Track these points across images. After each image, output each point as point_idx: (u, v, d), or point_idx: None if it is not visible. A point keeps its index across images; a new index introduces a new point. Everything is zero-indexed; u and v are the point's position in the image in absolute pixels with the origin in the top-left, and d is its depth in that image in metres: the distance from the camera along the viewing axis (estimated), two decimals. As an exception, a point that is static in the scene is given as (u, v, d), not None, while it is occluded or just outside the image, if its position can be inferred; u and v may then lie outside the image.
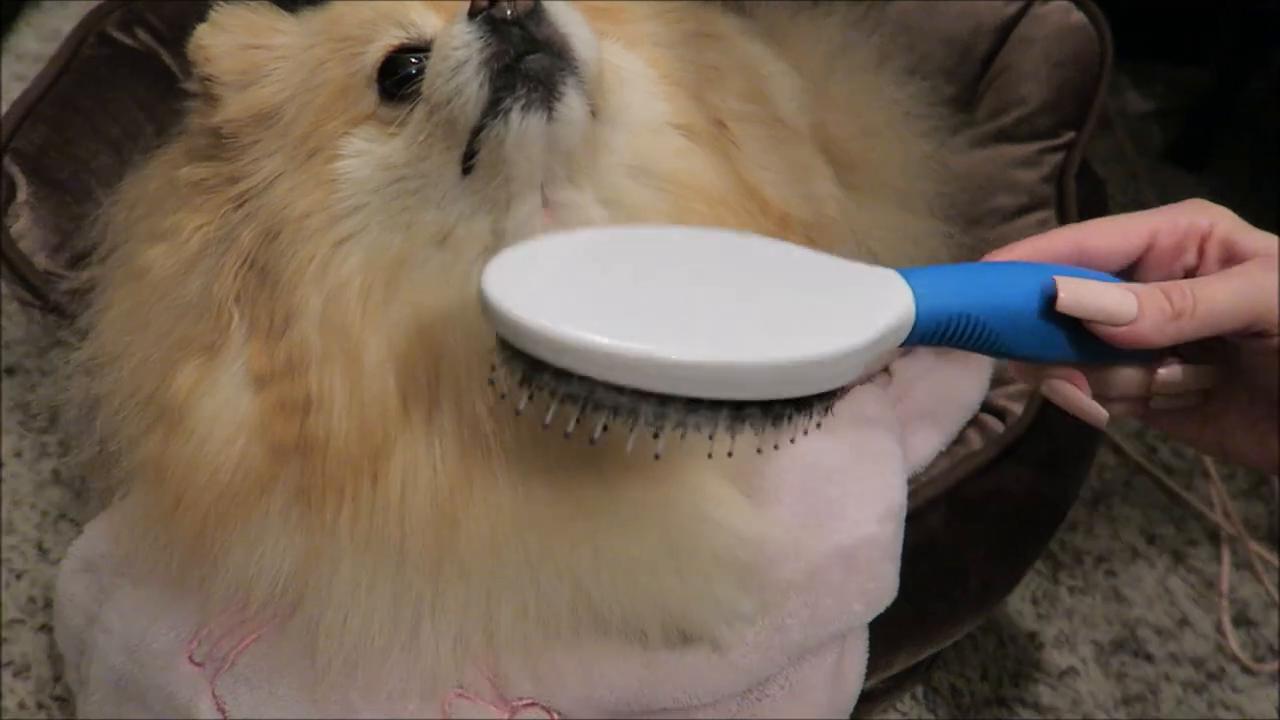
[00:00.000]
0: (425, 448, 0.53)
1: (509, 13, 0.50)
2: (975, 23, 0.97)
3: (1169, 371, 0.51)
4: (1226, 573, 1.01)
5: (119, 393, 0.58)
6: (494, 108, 0.50)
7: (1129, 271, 0.52)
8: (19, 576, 0.93)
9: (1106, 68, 0.92)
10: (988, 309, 0.48)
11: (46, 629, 0.89)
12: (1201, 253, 0.51)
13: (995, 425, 0.77)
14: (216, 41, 0.59)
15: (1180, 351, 0.52)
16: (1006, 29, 0.96)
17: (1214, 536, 1.04)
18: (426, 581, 0.55)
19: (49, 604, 0.90)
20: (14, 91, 1.45)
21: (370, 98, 0.55)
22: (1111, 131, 1.53)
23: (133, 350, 0.58)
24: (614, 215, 0.56)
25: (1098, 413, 0.51)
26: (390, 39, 0.55)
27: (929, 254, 0.91)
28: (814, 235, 0.70)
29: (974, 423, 0.77)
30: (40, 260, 0.72)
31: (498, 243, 0.53)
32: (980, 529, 0.75)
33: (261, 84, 0.58)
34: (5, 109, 1.41)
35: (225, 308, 0.56)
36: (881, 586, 0.65)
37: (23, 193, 0.73)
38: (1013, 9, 0.95)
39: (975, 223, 0.93)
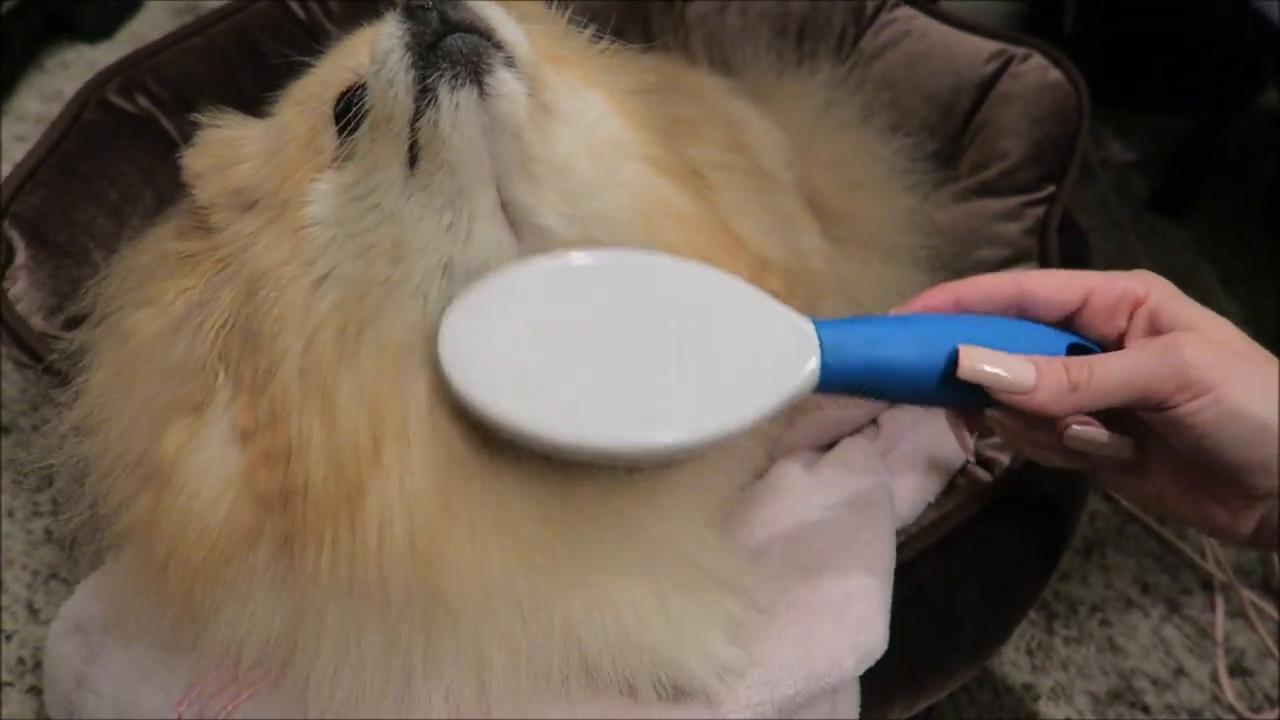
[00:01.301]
0: (399, 487, 0.52)
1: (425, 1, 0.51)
2: (956, 81, 0.99)
3: (1076, 430, 0.53)
4: (1221, 621, 1.01)
5: (107, 455, 0.58)
6: (423, 90, 0.51)
7: (1068, 323, 0.54)
8: (9, 638, 0.92)
9: (1085, 123, 0.94)
10: (892, 371, 0.51)
11: (36, 690, 0.88)
12: (1130, 321, 0.53)
13: (983, 476, 0.77)
14: (198, 160, 0.61)
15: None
16: (986, 86, 0.98)
17: (1207, 585, 1.04)
18: (416, 630, 0.54)
19: (38, 665, 0.89)
20: (15, 151, 1.49)
21: (330, 142, 0.56)
22: (1095, 181, 1.56)
23: (120, 413, 0.58)
24: (579, 221, 0.55)
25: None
26: (342, 80, 0.57)
27: (915, 305, 0.92)
28: (794, 279, 0.71)
29: (962, 473, 0.78)
30: (37, 322, 0.73)
31: (454, 250, 0.53)
32: (972, 579, 0.75)
33: (238, 165, 0.60)
34: (6, 169, 1.44)
35: (210, 366, 0.56)
36: (872, 639, 0.65)
37: (21, 256, 0.74)
38: (992, 67, 0.98)
39: (961, 275, 0.93)
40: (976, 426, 0.57)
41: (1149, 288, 0.53)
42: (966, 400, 0.53)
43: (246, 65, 0.94)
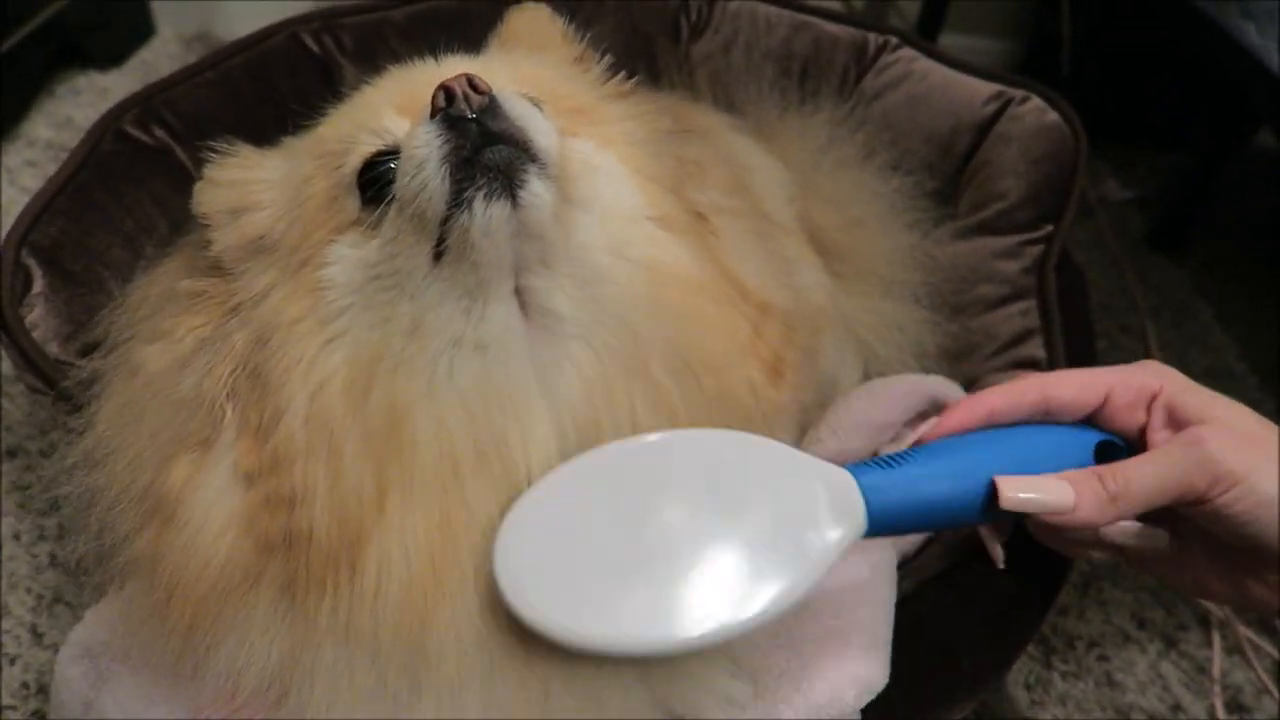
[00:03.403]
0: (398, 539, 0.54)
1: (466, 110, 0.52)
2: (955, 121, 1.01)
3: (1115, 528, 0.55)
4: (1218, 658, 1.01)
5: (114, 486, 0.59)
6: (458, 199, 0.51)
7: (1090, 419, 0.56)
8: (13, 661, 0.92)
9: (1081, 164, 0.96)
10: (934, 508, 0.52)
11: (39, 715, 0.88)
12: (1148, 414, 0.55)
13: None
14: (211, 196, 0.62)
15: None
16: (985, 127, 1.00)
17: (1204, 621, 1.05)
18: (403, 676, 0.55)
19: (42, 690, 0.90)
20: (25, 176, 1.50)
21: (352, 205, 0.57)
22: (1093, 218, 1.58)
23: (127, 445, 0.59)
24: (589, 301, 0.57)
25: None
26: (367, 147, 0.58)
27: (914, 340, 0.93)
28: (794, 323, 0.72)
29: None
30: (52, 349, 0.74)
31: (466, 329, 0.54)
32: (971, 613, 0.76)
33: (252, 212, 0.61)
34: (15, 193, 1.45)
35: (218, 404, 0.57)
36: (873, 672, 0.66)
37: (38, 284, 0.75)
38: (991, 109, 1.00)
39: (960, 311, 0.96)
40: (1006, 533, 0.58)
41: (1162, 380, 0.55)
42: (1009, 519, 0.55)
43: (260, 98, 0.96)
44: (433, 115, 0.53)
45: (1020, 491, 0.51)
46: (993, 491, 0.51)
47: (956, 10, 1.71)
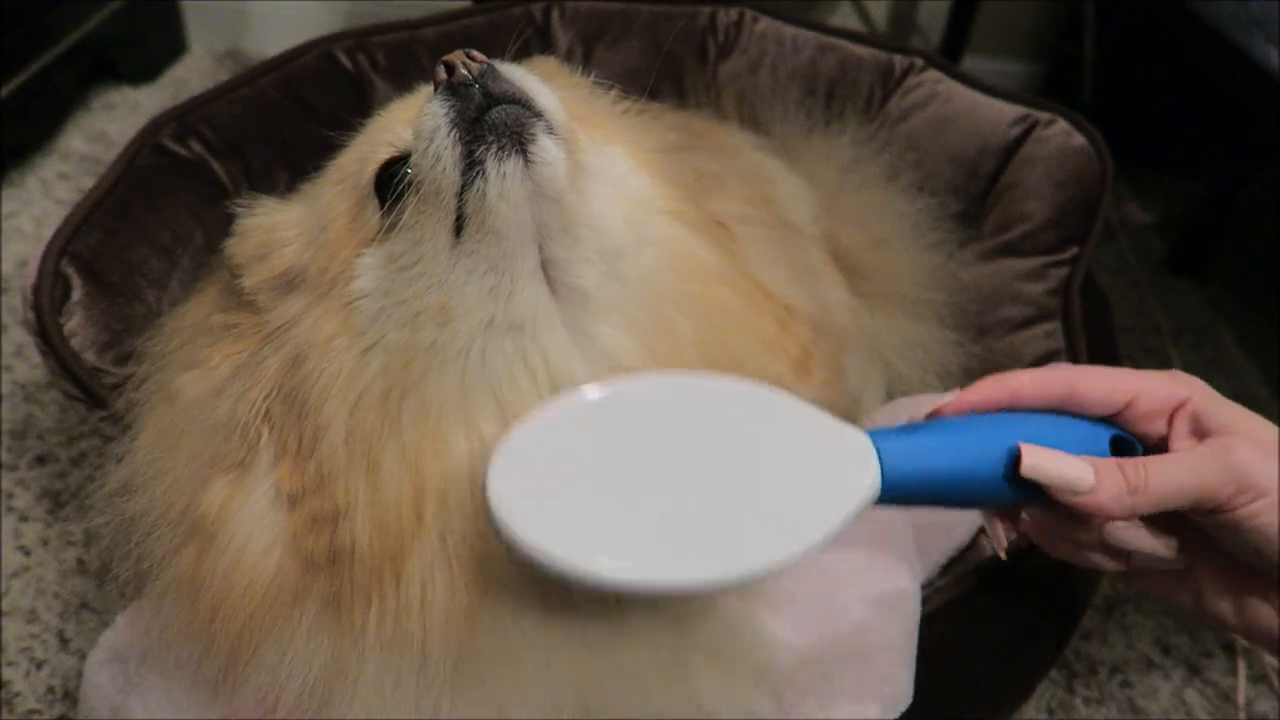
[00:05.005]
0: (439, 546, 0.54)
1: (467, 75, 0.53)
2: (981, 144, 1.01)
3: (1120, 529, 0.54)
4: (1243, 686, 1.00)
5: (152, 512, 0.59)
6: (470, 162, 0.52)
7: (1109, 420, 0.56)
8: (39, 666, 0.93)
9: (1107, 187, 0.96)
10: (950, 478, 0.51)
11: (65, 720, 0.89)
12: (1171, 423, 0.54)
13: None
14: (240, 245, 0.63)
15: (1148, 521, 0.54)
16: (1011, 150, 1.00)
17: (1229, 648, 1.04)
18: (446, 683, 0.55)
19: (67, 694, 0.90)
20: (60, 189, 1.53)
21: (373, 215, 0.58)
22: (1114, 241, 1.58)
23: (165, 471, 0.59)
24: (614, 279, 0.56)
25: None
26: (381, 155, 0.59)
27: (938, 361, 0.94)
28: (820, 330, 0.72)
29: (984, 530, 0.79)
30: (89, 357, 0.75)
31: (496, 310, 0.54)
32: (993, 636, 0.76)
33: (279, 249, 0.62)
34: (51, 207, 1.48)
35: (254, 426, 0.58)
36: (896, 690, 0.66)
37: (77, 293, 0.77)
38: (1016, 131, 1.00)
39: (985, 332, 0.96)
40: (1012, 522, 0.57)
41: (1190, 391, 0.54)
42: (1019, 500, 0.54)
43: (293, 114, 0.97)
44: (436, 90, 0.54)
45: (1043, 461, 0.50)
46: (1011, 464, 0.51)
47: (980, 33, 1.72)
